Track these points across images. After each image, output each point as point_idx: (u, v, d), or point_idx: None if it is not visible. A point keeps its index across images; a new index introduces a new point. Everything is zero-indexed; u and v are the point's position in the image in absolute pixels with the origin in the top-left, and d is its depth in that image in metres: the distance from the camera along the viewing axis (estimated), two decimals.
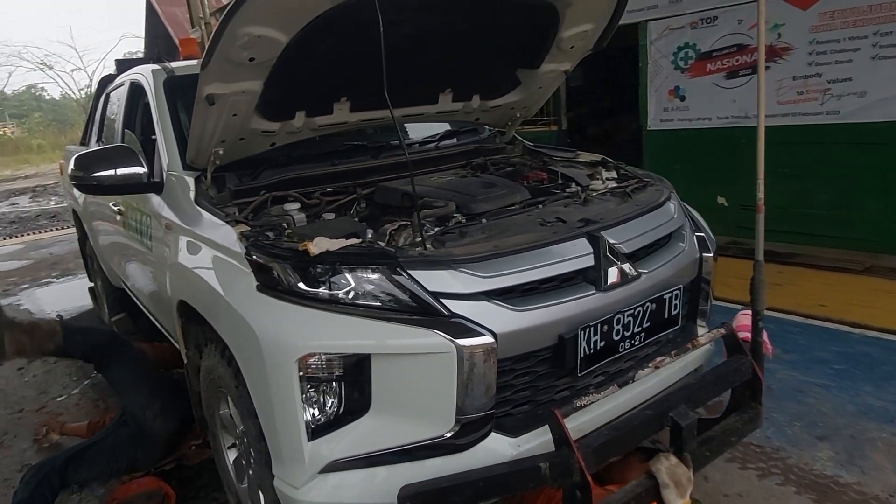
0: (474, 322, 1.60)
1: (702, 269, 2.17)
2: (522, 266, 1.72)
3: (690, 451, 1.73)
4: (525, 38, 2.58)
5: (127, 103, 3.32)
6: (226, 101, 2.03)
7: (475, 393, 1.60)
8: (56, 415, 3.39)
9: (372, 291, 1.65)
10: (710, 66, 5.28)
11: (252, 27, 1.79)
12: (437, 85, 2.64)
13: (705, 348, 2.16)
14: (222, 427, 2.29)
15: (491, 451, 1.66)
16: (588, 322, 1.75)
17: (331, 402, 1.64)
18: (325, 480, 1.64)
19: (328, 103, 2.37)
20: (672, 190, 2.37)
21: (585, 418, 1.77)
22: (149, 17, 16.96)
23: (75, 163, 2.45)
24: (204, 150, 2.24)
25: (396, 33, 2.15)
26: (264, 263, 1.75)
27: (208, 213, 2.13)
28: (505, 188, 2.31)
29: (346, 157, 2.64)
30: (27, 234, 9.69)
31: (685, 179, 5.43)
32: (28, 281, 6.61)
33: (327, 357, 1.60)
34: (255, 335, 1.65)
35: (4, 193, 15.94)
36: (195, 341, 2.33)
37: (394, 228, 1.95)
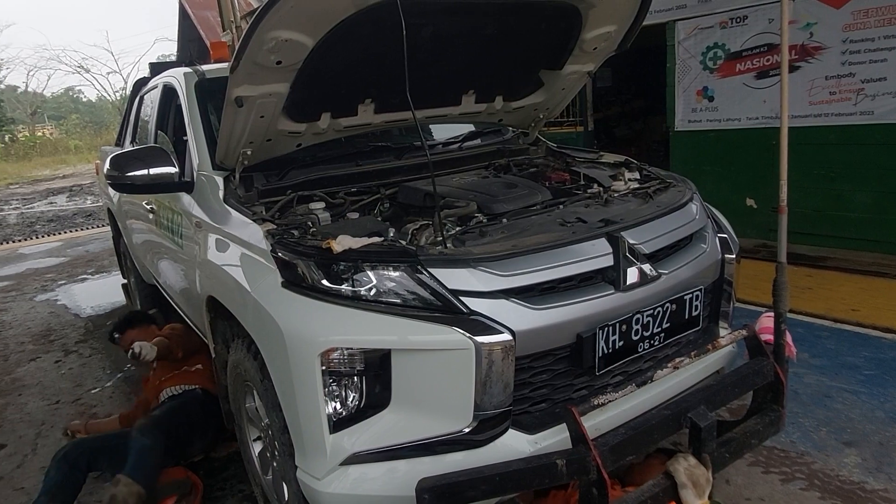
0: (493, 320, 1.63)
1: (724, 270, 2.16)
2: (541, 265, 1.74)
3: (709, 453, 1.73)
4: (548, 40, 2.59)
5: (160, 105, 3.42)
6: (254, 103, 2.09)
7: (493, 390, 1.62)
8: (83, 414, 3.50)
9: (393, 289, 1.68)
10: (739, 66, 5.21)
11: (279, 31, 1.84)
12: (459, 86, 2.66)
13: (727, 350, 2.14)
14: (248, 420, 2.35)
15: (508, 447, 1.68)
16: (607, 321, 1.76)
17: (352, 397, 1.68)
18: (346, 472, 1.68)
19: (352, 105, 2.42)
20: (695, 191, 2.35)
21: (603, 417, 1.78)
22: (181, 20, 17.35)
23: (111, 163, 2.54)
24: (233, 151, 2.30)
25: (420, 36, 2.21)
26: (289, 260, 1.80)
27: (236, 211, 2.19)
28: (526, 189, 2.33)
29: (370, 157, 2.69)
30: (64, 232, 10.00)
31: (713, 181, 5.39)
32: (65, 277, 6.83)
33: (349, 352, 1.64)
34: (280, 330, 1.70)
35: (43, 193, 16.46)
36: (223, 336, 2.40)
37: (416, 228, 1.99)
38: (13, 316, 5.57)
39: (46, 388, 3.87)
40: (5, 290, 6.54)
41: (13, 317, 5.54)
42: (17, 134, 31.35)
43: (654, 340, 1.90)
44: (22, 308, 5.80)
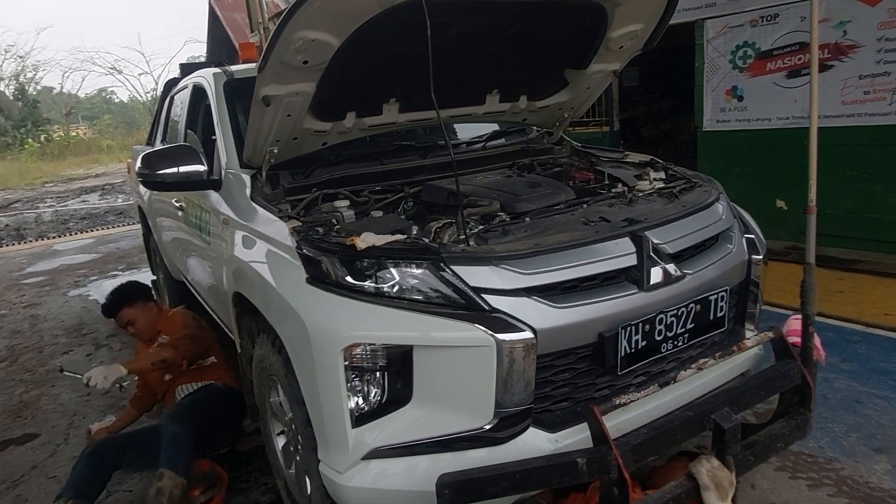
0: (514, 318, 1.63)
1: (750, 271, 2.13)
2: (563, 264, 1.74)
3: (733, 455, 1.71)
4: (573, 39, 2.58)
5: (190, 105, 3.49)
6: (281, 102, 2.12)
7: (514, 387, 1.62)
8: (112, 406, 3.59)
9: (415, 285, 1.70)
10: (770, 65, 5.12)
11: (306, 31, 1.87)
12: (484, 86, 2.67)
13: (753, 352, 2.11)
14: (272, 414, 2.39)
15: (529, 445, 1.68)
16: (629, 321, 1.75)
17: (374, 392, 1.70)
18: (368, 467, 1.70)
19: (377, 104, 2.44)
20: (721, 191, 2.32)
21: (625, 417, 1.77)
22: (211, 22, 17.63)
23: (142, 161, 2.60)
24: (260, 149, 2.34)
25: (444, 35, 2.22)
26: (314, 257, 1.83)
27: (263, 209, 2.23)
28: (550, 188, 2.33)
29: (395, 156, 2.71)
30: (96, 229, 10.25)
31: (742, 182, 5.31)
32: (97, 273, 7.00)
33: (371, 347, 1.66)
34: (304, 325, 1.72)
35: (76, 191, 16.89)
36: (249, 332, 2.44)
37: (439, 226, 2.00)
38: (47, 310, 5.73)
39: (78, 381, 3.96)
40: (40, 284, 6.73)
41: (47, 311, 5.71)
42: (52, 134, 32.19)
43: (678, 341, 1.89)
44: (56, 302, 5.96)
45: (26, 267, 7.61)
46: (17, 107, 30.77)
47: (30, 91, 32.83)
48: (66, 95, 38.54)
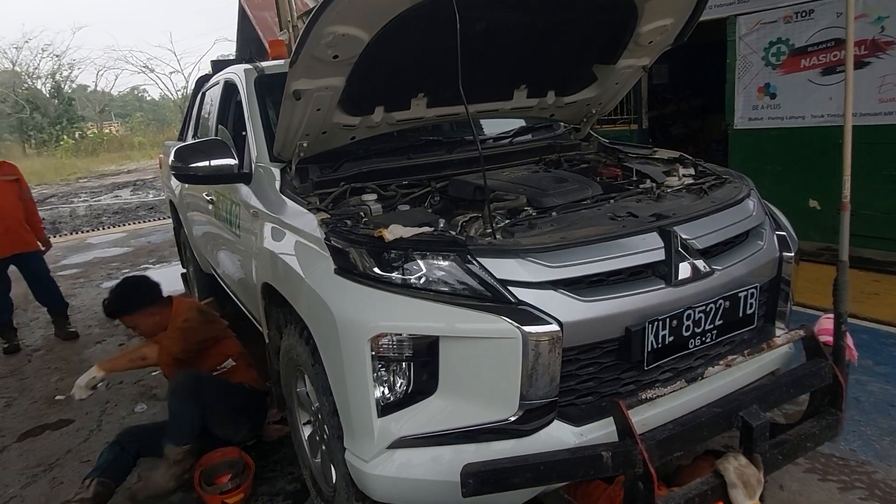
0: (540, 310, 1.64)
1: (781, 269, 2.10)
2: (590, 257, 1.73)
3: (761, 453, 1.69)
4: (602, 34, 2.57)
5: (221, 100, 3.56)
6: (311, 97, 2.15)
7: (539, 380, 1.63)
8: (143, 395, 3.68)
9: (442, 277, 1.71)
10: (804, 61, 5.01)
11: (337, 26, 1.89)
12: (511, 81, 2.67)
13: (782, 350, 2.08)
14: (299, 404, 2.43)
15: (554, 438, 1.68)
16: (656, 316, 1.74)
17: (400, 382, 1.72)
18: (393, 456, 1.71)
19: (406, 99, 2.46)
20: (752, 187, 2.29)
21: (651, 413, 1.76)
22: (241, 21, 17.91)
23: (175, 155, 2.66)
24: (290, 143, 2.38)
25: (473, 30, 2.22)
26: (342, 248, 1.85)
27: (292, 201, 2.26)
28: (576, 183, 2.32)
29: (422, 151, 2.72)
30: (128, 223, 10.48)
31: (774, 181, 5.20)
32: (128, 266, 7.16)
33: (398, 338, 1.67)
34: (332, 315, 1.75)
35: (109, 187, 17.29)
36: (276, 323, 2.48)
37: (465, 220, 2.01)
38: (81, 301, 5.88)
39: None
40: (74, 276, 6.92)
41: (81, 302, 5.86)
42: (86, 131, 33.00)
43: (706, 337, 1.87)
44: (89, 294, 6.12)
45: (61, 260, 7.82)
46: (54, 104, 31.62)
47: (65, 89, 33.71)
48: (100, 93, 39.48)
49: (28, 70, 32.52)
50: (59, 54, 35.82)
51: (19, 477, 2.96)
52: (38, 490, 2.83)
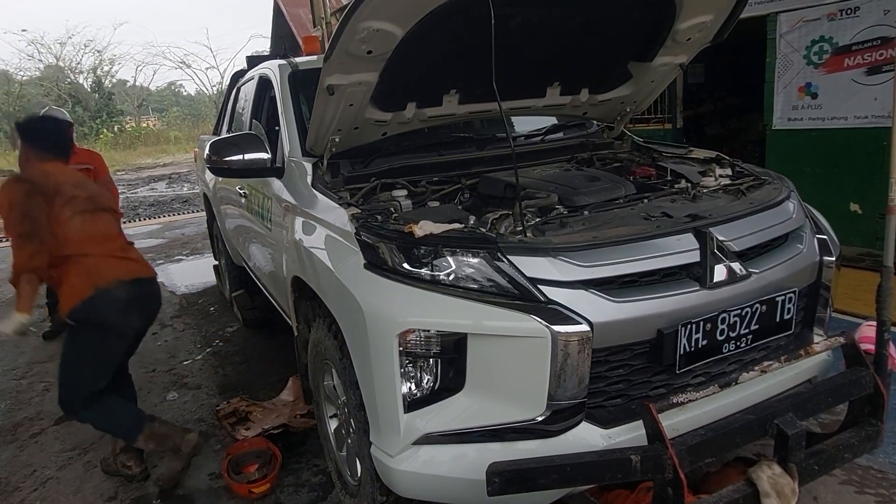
0: (570, 310, 1.61)
1: (821, 273, 2.03)
2: (622, 257, 1.70)
3: (796, 463, 1.64)
4: (639, 31, 2.52)
5: (255, 95, 3.60)
6: (344, 92, 2.16)
7: (568, 380, 1.61)
8: (175, 384, 3.75)
9: (471, 274, 1.70)
10: (848, 60, 4.85)
11: (371, 22, 1.89)
12: (545, 78, 2.64)
13: (821, 358, 2.02)
14: (325, 398, 2.45)
15: (581, 439, 1.66)
16: (690, 319, 1.70)
17: (427, 378, 1.72)
18: (418, 452, 1.71)
19: (438, 95, 2.46)
20: (792, 189, 2.23)
21: (682, 418, 1.73)
22: (275, 18, 18.13)
23: (210, 148, 2.70)
24: (322, 138, 2.39)
25: (506, 26, 2.20)
26: (372, 243, 1.85)
27: (323, 196, 2.28)
28: (609, 182, 2.28)
29: (453, 147, 2.72)
30: (163, 216, 10.71)
31: (814, 183, 5.05)
32: (163, 257, 7.32)
33: (426, 334, 1.67)
34: (361, 309, 1.76)
35: (145, 179, 17.67)
36: (305, 316, 2.50)
37: (495, 217, 2.00)
38: None
39: (144, 358, 4.16)
40: None
41: None
42: (125, 125, 33.81)
43: (741, 342, 1.82)
44: None
45: None
46: (94, 99, 32.45)
47: (106, 84, 34.54)
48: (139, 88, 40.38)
49: (71, 65, 33.42)
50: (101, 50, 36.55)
51: (56, 459, 3.04)
52: (73, 473, 2.91)
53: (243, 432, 2.96)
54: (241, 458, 2.66)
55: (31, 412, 3.57)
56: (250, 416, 3.12)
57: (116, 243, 2.69)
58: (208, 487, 2.65)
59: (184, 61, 45.34)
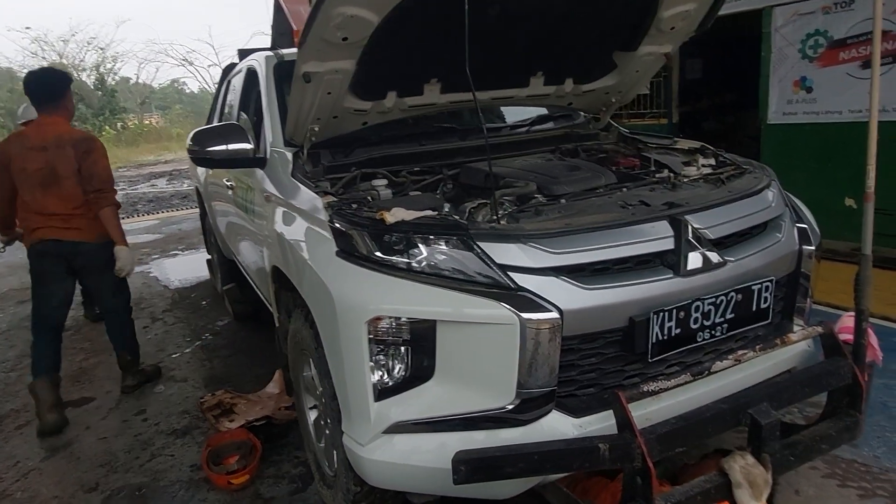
0: (540, 297, 1.59)
1: (801, 263, 2.01)
2: (595, 244, 1.68)
3: (771, 453, 1.62)
4: (622, 19, 2.50)
5: (243, 87, 3.58)
6: (321, 80, 2.14)
7: (537, 368, 1.59)
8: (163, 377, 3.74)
9: (442, 261, 1.68)
10: (843, 54, 4.81)
11: (345, 7, 1.87)
12: (528, 68, 2.62)
13: (800, 348, 1.99)
14: (305, 389, 2.43)
15: (552, 428, 1.64)
16: (662, 307, 1.68)
17: (398, 366, 1.70)
18: (389, 441, 1.70)
19: (418, 84, 2.43)
20: (773, 178, 2.20)
21: (656, 407, 1.71)
22: (276, 14, 18.06)
23: (192, 138, 2.69)
24: (301, 127, 2.37)
25: (487, 14, 2.18)
26: (344, 230, 1.84)
27: (302, 185, 2.26)
28: (589, 171, 2.26)
29: (435, 138, 2.69)
30: (162, 212, 10.72)
31: (809, 178, 5.02)
32: (158, 252, 7.32)
33: (396, 321, 1.65)
34: (331, 296, 1.74)
35: (146, 176, 17.70)
36: (286, 307, 2.49)
37: (473, 206, 1.98)
38: None
39: None
40: None
41: None
42: (127, 122, 33.84)
43: (716, 331, 1.80)
44: None
45: None
46: (97, 96, 32.47)
47: (109, 81, 34.57)
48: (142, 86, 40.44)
49: (74, 63, 33.45)
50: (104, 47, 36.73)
51: (40, 451, 3.04)
52: (56, 464, 2.90)
53: (227, 424, 2.95)
54: (221, 450, 2.65)
55: (17, 404, 3.57)
56: (235, 409, 3.11)
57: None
58: (189, 479, 2.64)
59: (186, 59, 45.41)
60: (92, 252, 3.29)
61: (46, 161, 3.14)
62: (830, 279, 3.27)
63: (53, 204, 3.16)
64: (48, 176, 3.14)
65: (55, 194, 3.15)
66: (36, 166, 3.14)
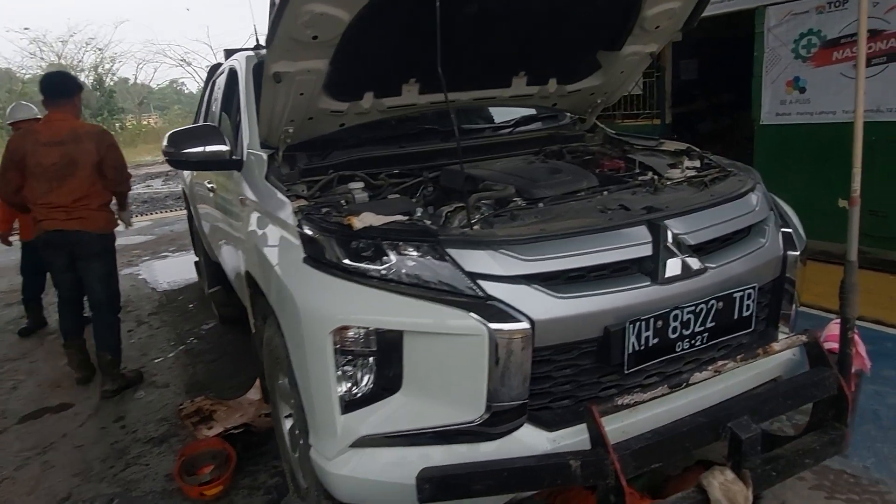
0: (510, 306, 1.53)
1: (786, 268, 1.94)
2: (569, 251, 1.62)
3: (752, 468, 1.55)
4: (605, 18, 2.44)
5: (225, 88, 3.52)
6: (293, 80, 2.08)
7: (507, 380, 1.53)
8: None
9: (411, 268, 1.62)
10: (836, 54, 4.75)
11: (313, 4, 1.81)
12: (510, 68, 2.56)
13: (785, 357, 1.93)
14: (281, 397, 2.37)
15: (523, 443, 1.58)
16: (639, 316, 1.62)
17: (366, 378, 1.63)
18: (356, 455, 1.63)
19: (396, 84, 2.37)
20: (759, 181, 2.14)
21: (633, 420, 1.64)
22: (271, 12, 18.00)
23: (168, 139, 2.62)
24: (275, 129, 2.31)
25: (463, 12, 2.12)
26: (312, 236, 1.77)
27: (275, 188, 2.19)
28: (571, 174, 2.20)
29: (416, 139, 2.63)
30: (156, 212, 10.65)
31: (802, 179, 4.96)
32: (149, 254, 7.27)
33: (362, 331, 1.59)
34: (296, 305, 1.68)
35: (143, 177, 17.61)
36: (262, 312, 2.42)
37: (450, 210, 1.92)
38: None
39: None
40: None
41: None
42: (126, 123, 33.75)
43: (696, 340, 1.73)
44: None
45: None
46: (96, 96, 32.40)
47: (107, 82, 34.52)
48: (140, 86, 40.36)
49: (72, 63, 33.34)
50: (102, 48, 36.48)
51: (14, 459, 2.98)
52: (30, 473, 2.84)
53: (205, 431, 2.88)
54: (196, 459, 2.59)
55: None
56: (214, 416, 3.05)
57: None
58: (162, 489, 2.58)
59: (184, 59, 45.30)
60: (89, 240, 3.46)
61: (63, 154, 3.32)
62: (822, 282, 3.20)
63: (63, 196, 3.34)
64: (65, 168, 3.32)
65: (69, 186, 3.34)
66: (51, 161, 3.31)
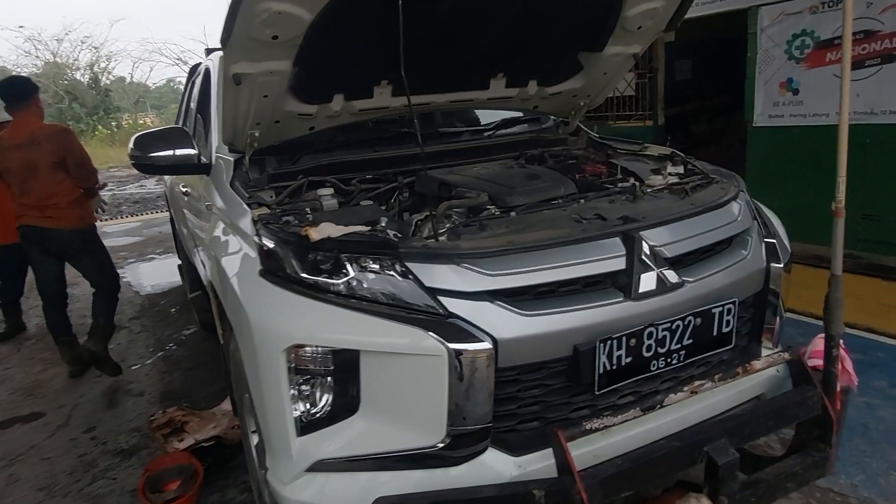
0: (472, 324, 1.44)
1: (769, 281, 1.85)
2: (537, 265, 1.53)
3: (728, 495, 1.47)
4: (586, 18, 2.35)
5: (201, 89, 3.43)
6: (254, 82, 1.98)
7: (469, 403, 1.44)
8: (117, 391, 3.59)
9: (368, 283, 1.53)
10: (830, 55, 4.67)
11: (270, 3, 1.71)
12: (488, 69, 2.47)
13: (768, 374, 1.84)
14: (247, 410, 2.28)
15: (488, 468, 1.49)
16: (610, 334, 1.53)
17: (324, 398, 1.54)
18: (312, 480, 1.54)
19: (368, 86, 2.28)
20: (742, 188, 2.05)
21: (605, 443, 1.55)
22: None
23: (134, 142, 2.53)
24: (240, 132, 2.21)
25: (436, 11, 2.03)
26: (269, 248, 1.68)
27: (237, 195, 2.10)
28: (549, 181, 2.11)
29: (390, 143, 2.54)
30: (146, 213, 10.54)
31: (795, 182, 4.87)
32: (135, 256, 7.16)
33: (320, 350, 1.50)
34: (249, 321, 1.59)
35: (136, 176, 17.43)
36: (227, 323, 2.33)
37: (421, 218, 1.84)
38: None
39: None
40: None
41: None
42: (121, 121, 33.56)
43: (672, 359, 1.64)
44: None
45: None
46: (92, 95, 32.22)
47: (103, 80, 34.31)
48: (136, 85, 40.15)
49: (68, 62, 33.19)
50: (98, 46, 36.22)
51: None
52: None
53: (176, 444, 2.78)
54: (162, 475, 2.49)
55: None
56: (186, 427, 2.95)
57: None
58: None
59: (180, 58, 45.04)
60: (68, 238, 3.63)
61: (22, 158, 3.48)
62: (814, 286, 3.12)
63: (32, 197, 3.53)
64: (26, 171, 3.49)
65: (35, 187, 3.50)
66: (15, 164, 3.51)
